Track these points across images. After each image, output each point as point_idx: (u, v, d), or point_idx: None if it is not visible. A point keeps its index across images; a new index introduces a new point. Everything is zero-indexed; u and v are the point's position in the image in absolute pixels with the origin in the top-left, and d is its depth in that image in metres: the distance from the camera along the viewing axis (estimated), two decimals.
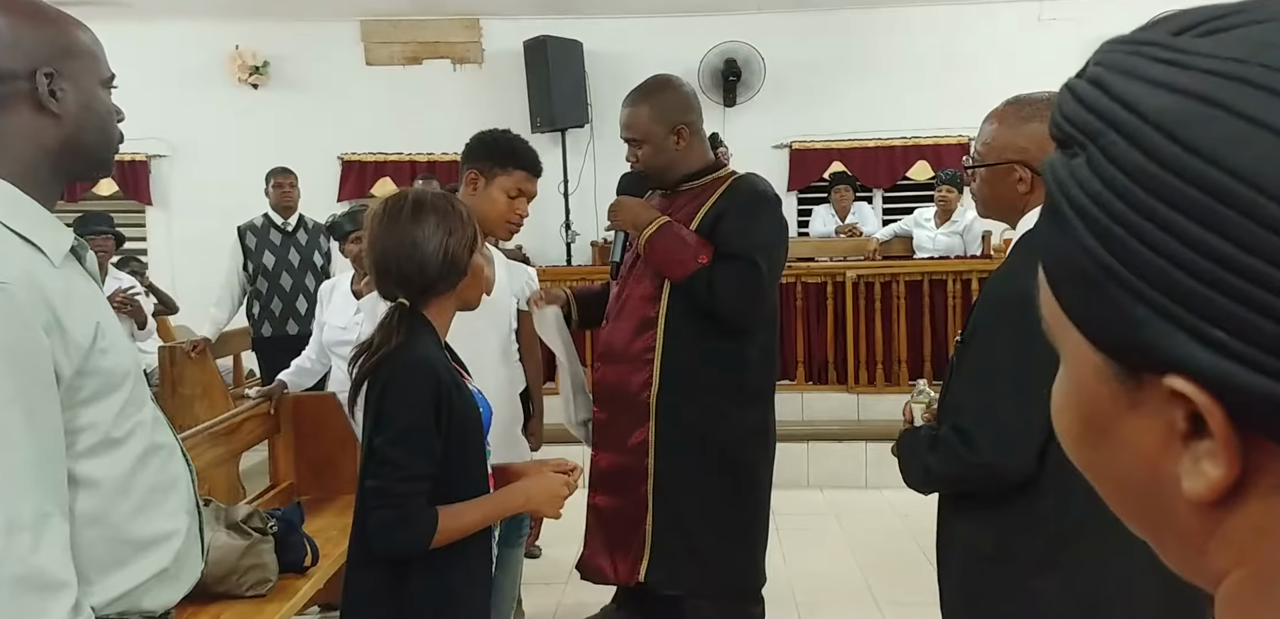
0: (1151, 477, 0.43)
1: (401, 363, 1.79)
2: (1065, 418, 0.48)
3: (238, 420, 3.69)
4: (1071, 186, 0.42)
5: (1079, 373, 0.45)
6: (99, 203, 7.56)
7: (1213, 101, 0.38)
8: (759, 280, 2.69)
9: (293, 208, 5.77)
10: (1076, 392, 0.45)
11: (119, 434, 1.38)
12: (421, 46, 7.83)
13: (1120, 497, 0.46)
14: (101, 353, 1.35)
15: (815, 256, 6.80)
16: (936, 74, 7.47)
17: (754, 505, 2.91)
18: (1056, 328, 0.46)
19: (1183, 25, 0.42)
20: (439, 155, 7.50)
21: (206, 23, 7.54)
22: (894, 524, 5.02)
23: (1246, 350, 0.37)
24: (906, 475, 1.99)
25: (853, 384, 6.28)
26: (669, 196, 2.90)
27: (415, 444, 1.76)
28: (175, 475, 1.52)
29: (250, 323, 5.73)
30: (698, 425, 2.79)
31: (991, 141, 1.90)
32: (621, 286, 2.95)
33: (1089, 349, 0.43)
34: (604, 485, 2.93)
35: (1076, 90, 0.44)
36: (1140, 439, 0.42)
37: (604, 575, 2.94)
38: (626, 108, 2.87)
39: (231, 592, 2.82)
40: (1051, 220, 0.44)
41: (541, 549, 4.55)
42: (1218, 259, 0.37)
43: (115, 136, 1.46)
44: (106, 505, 1.37)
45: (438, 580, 1.82)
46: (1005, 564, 1.77)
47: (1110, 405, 0.43)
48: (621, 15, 7.53)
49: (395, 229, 1.86)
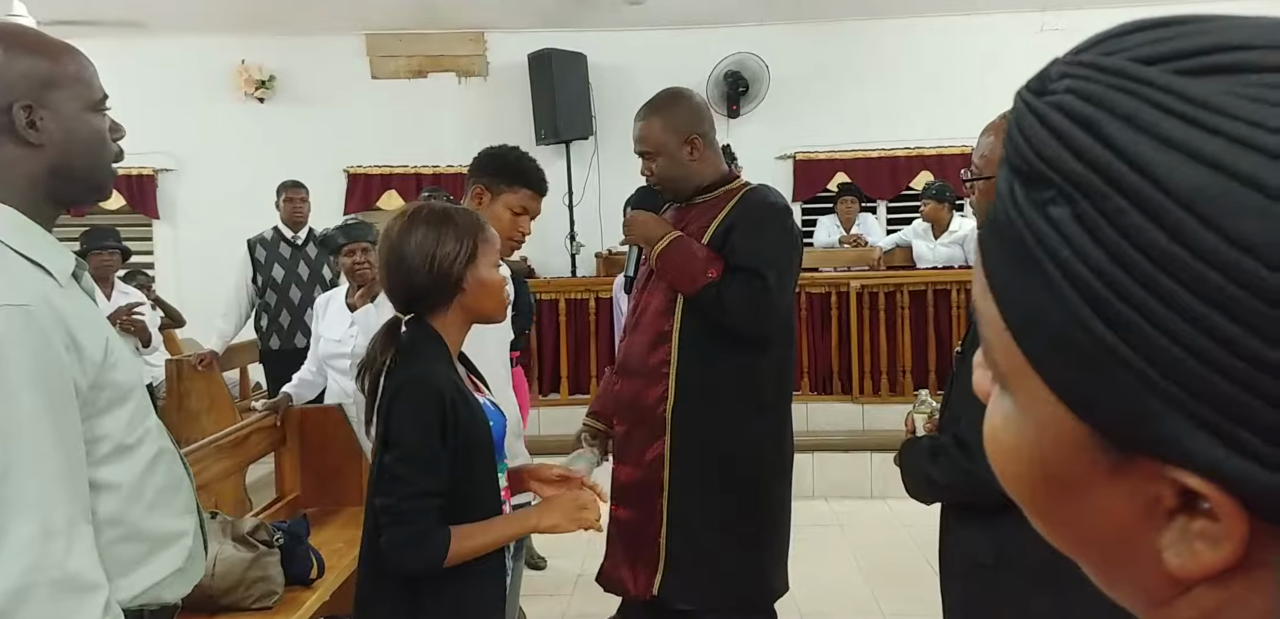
0: (1121, 540, 0.40)
1: (405, 380, 1.79)
2: (1014, 465, 0.43)
3: (244, 433, 3.71)
4: (1053, 240, 0.37)
5: (1047, 434, 0.40)
6: (106, 217, 7.59)
7: (1256, 185, 0.34)
8: (768, 292, 2.70)
9: (303, 221, 5.80)
10: (1038, 448, 0.41)
11: (131, 441, 1.46)
12: (426, 60, 7.87)
13: (1070, 544, 0.43)
14: (112, 367, 1.41)
15: (819, 267, 6.81)
16: (939, 85, 7.48)
17: (768, 519, 2.90)
18: (1011, 376, 0.41)
19: (1166, 54, 0.37)
20: (444, 168, 7.53)
21: (213, 38, 7.59)
22: (898, 534, 5.02)
23: (1276, 455, 0.34)
24: (908, 485, 2.00)
25: (857, 394, 6.29)
26: (684, 209, 2.92)
27: (422, 461, 1.75)
28: (180, 476, 1.61)
29: (258, 336, 5.75)
30: (712, 438, 2.79)
31: (990, 154, 1.92)
32: (637, 301, 2.97)
33: (1067, 418, 0.39)
34: (623, 499, 2.94)
35: (1053, 124, 0.38)
36: (1115, 506, 0.39)
37: (624, 588, 2.94)
38: (639, 121, 2.88)
39: (237, 604, 2.83)
40: (1016, 265, 0.39)
41: (546, 560, 4.56)
42: (1255, 361, 0.34)
43: (107, 159, 1.48)
44: (124, 507, 1.45)
45: (451, 598, 1.81)
46: (1005, 575, 1.77)
47: (1083, 472, 0.39)
48: (625, 28, 7.56)
49: (387, 242, 1.88)
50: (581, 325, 6.52)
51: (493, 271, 1.90)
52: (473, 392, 1.93)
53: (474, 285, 1.87)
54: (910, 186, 7.75)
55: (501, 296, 1.94)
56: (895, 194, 7.83)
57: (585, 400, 6.31)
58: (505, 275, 1.99)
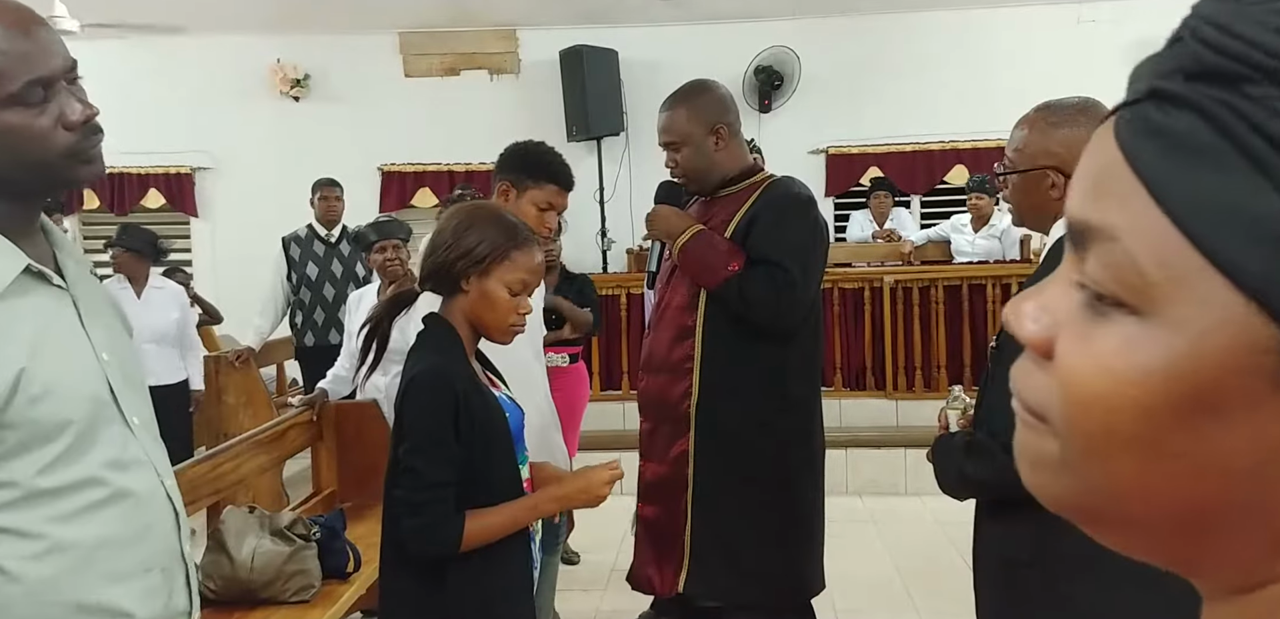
0: (1251, 468, 0.38)
1: (419, 373, 1.83)
2: (1143, 388, 0.40)
3: (281, 428, 3.76)
4: (1260, 116, 0.36)
5: (1213, 340, 0.38)
6: (145, 215, 7.72)
7: None
8: (790, 285, 2.67)
9: (337, 219, 5.86)
10: (1192, 361, 0.38)
11: (54, 486, 1.28)
12: (459, 58, 7.91)
13: (1172, 486, 0.41)
14: (32, 401, 1.25)
15: (852, 262, 6.78)
16: (973, 77, 7.41)
17: (797, 515, 2.85)
18: (1167, 286, 0.39)
19: None
20: (477, 165, 7.56)
21: (248, 37, 7.68)
22: (933, 530, 4.99)
23: None
24: (942, 481, 1.99)
25: (891, 390, 6.26)
26: (708, 203, 2.90)
27: (434, 452, 1.79)
28: (143, 526, 1.39)
29: (293, 333, 5.82)
30: (738, 434, 2.77)
31: (1023, 148, 1.90)
32: (660, 296, 2.95)
33: (1248, 317, 0.37)
34: (649, 496, 2.92)
35: (1257, 17, 0.37)
36: (1265, 427, 0.37)
37: (651, 586, 2.93)
38: (664, 112, 2.86)
39: (276, 598, 2.87)
40: (1200, 161, 0.38)
41: (580, 555, 4.58)
42: None
43: (36, 153, 1.30)
44: (38, 560, 1.26)
45: (473, 585, 1.84)
46: (1040, 570, 1.76)
47: (1248, 382, 0.37)
48: (656, 24, 7.56)
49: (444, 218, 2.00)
50: (613, 321, 6.53)
51: (502, 291, 1.88)
52: (488, 386, 1.95)
53: (477, 292, 1.88)
54: (944, 180, 7.69)
55: (505, 318, 1.90)
56: (929, 188, 7.77)
57: (618, 397, 6.34)
58: (530, 305, 1.97)
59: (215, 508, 3.30)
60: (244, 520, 2.92)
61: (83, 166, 1.35)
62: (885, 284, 6.28)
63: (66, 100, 1.32)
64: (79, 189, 1.37)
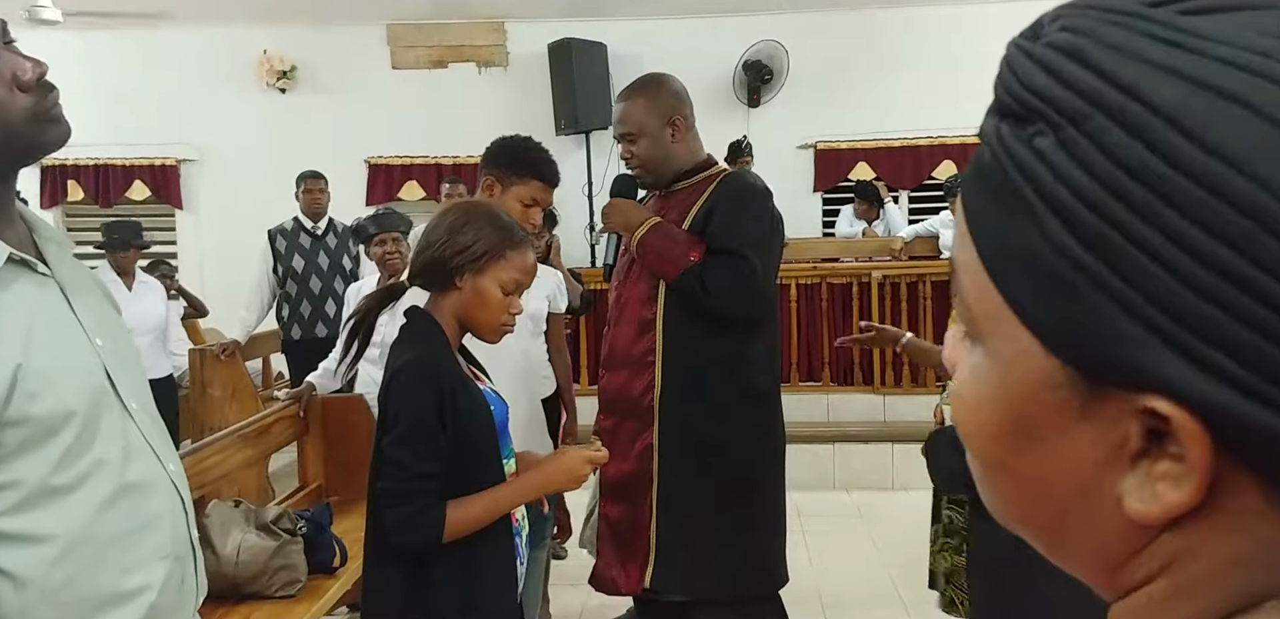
0: (1081, 488, 0.39)
1: (402, 364, 1.82)
2: (981, 415, 0.42)
3: (267, 422, 3.73)
4: (1036, 168, 0.37)
5: (1016, 374, 0.40)
6: (130, 207, 7.67)
7: (1240, 101, 0.33)
8: (751, 273, 2.67)
9: (323, 212, 5.83)
10: (1006, 392, 0.41)
11: (63, 482, 1.24)
12: (447, 50, 7.87)
13: (1028, 501, 0.42)
14: (28, 397, 1.20)
15: (840, 257, 6.78)
16: (962, 73, 7.38)
17: (762, 507, 2.85)
18: (984, 321, 0.41)
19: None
20: (465, 158, 7.53)
21: (234, 28, 7.62)
22: (920, 525, 4.98)
23: (1252, 380, 0.33)
24: (934, 475, 1.99)
25: (879, 385, 6.27)
26: (664, 197, 2.90)
27: (418, 443, 1.78)
28: (152, 516, 1.36)
29: (280, 326, 5.79)
30: (701, 427, 2.76)
31: None
32: (619, 290, 2.94)
33: (1039, 353, 0.38)
34: (613, 494, 2.90)
35: (1040, 58, 0.38)
36: (1081, 450, 0.38)
37: (615, 586, 2.92)
38: (621, 103, 2.88)
39: (261, 592, 2.85)
40: (997, 203, 0.39)
41: (568, 551, 4.57)
42: (1234, 279, 0.33)
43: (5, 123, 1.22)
44: (51, 564, 1.23)
45: (456, 577, 1.83)
46: (1023, 566, 1.75)
47: (1053, 413, 0.39)
48: (645, 17, 7.54)
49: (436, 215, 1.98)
50: (600, 314, 6.51)
51: (496, 290, 1.90)
52: (472, 379, 1.94)
53: (470, 289, 1.89)
54: (933, 176, 7.69)
55: (496, 317, 1.92)
56: (917, 183, 7.77)
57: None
58: (521, 306, 1.97)
59: (200, 502, 3.27)
60: (229, 514, 2.90)
61: (50, 126, 1.26)
62: (873, 279, 6.29)
63: (12, 59, 1.22)
64: (49, 153, 1.24)
